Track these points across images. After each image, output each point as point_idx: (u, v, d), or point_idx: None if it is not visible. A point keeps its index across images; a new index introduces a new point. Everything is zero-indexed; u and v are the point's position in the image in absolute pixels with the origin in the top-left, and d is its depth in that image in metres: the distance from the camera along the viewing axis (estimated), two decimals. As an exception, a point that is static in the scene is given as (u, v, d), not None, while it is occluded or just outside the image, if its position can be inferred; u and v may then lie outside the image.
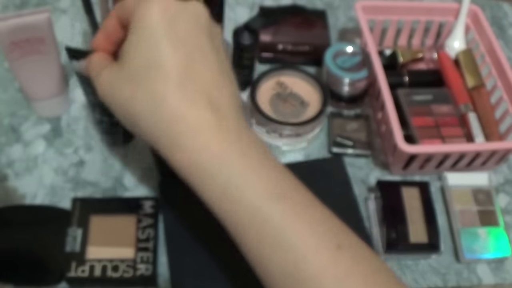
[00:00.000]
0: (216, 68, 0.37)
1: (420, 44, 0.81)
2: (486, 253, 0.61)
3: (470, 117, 0.69)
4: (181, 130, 0.35)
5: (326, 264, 0.33)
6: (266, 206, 0.34)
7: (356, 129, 0.71)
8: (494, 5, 0.95)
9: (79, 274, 0.53)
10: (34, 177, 0.63)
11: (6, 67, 0.73)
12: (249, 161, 0.35)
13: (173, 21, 0.36)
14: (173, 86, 0.35)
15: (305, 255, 0.33)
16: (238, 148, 0.36)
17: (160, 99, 0.35)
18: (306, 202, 0.37)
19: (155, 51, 0.36)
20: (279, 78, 0.70)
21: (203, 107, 0.36)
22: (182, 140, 0.35)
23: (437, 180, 0.69)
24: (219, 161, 0.35)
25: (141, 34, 0.36)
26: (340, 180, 0.64)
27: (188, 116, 0.35)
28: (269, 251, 0.34)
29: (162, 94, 0.35)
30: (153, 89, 0.35)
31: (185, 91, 0.35)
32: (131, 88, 0.36)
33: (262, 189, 0.35)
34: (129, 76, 0.37)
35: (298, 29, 0.82)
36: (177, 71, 0.35)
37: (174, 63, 0.35)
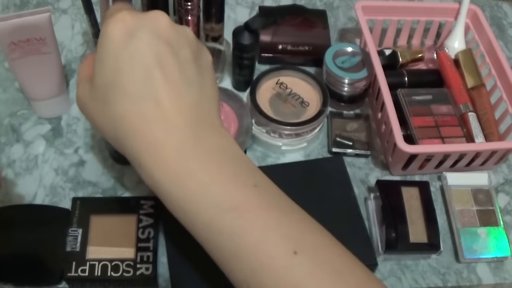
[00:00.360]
0: (177, 77, 0.37)
1: (420, 44, 0.81)
2: (486, 253, 0.61)
3: (470, 117, 0.69)
4: (139, 148, 0.36)
5: (282, 270, 0.34)
6: (218, 219, 0.35)
7: (356, 129, 0.71)
8: (494, 5, 0.95)
9: (79, 274, 0.53)
10: (34, 177, 0.63)
11: (6, 67, 0.73)
12: (204, 175, 0.36)
13: (131, 36, 0.36)
14: (130, 104, 0.36)
15: (261, 263, 0.34)
16: (194, 162, 0.36)
17: (120, 117, 0.36)
18: (263, 208, 0.36)
19: (114, 69, 0.36)
20: (279, 78, 0.71)
21: (159, 122, 0.36)
22: (142, 157, 0.36)
23: (437, 180, 0.69)
24: (174, 178, 0.35)
25: (104, 51, 0.37)
26: (340, 180, 0.64)
27: (144, 132, 0.36)
28: (229, 261, 0.36)
29: (121, 113, 0.36)
30: (113, 108, 0.36)
31: (141, 107, 0.36)
32: (96, 106, 0.38)
33: (216, 202, 0.35)
34: (95, 95, 0.38)
35: (298, 29, 0.82)
36: (135, 88, 0.36)
37: (131, 79, 0.36)
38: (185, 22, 0.65)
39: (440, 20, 0.79)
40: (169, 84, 0.36)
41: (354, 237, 0.59)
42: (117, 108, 0.36)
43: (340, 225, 0.60)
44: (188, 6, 0.63)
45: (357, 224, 0.60)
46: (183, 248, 0.56)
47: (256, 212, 0.36)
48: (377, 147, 0.71)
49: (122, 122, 0.36)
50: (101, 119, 0.38)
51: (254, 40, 0.68)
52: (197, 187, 0.35)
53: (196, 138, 0.36)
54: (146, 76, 0.36)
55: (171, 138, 0.36)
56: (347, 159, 0.68)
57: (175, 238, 0.57)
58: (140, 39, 0.36)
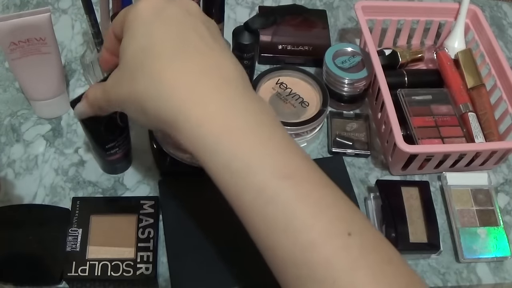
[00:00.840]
0: (212, 42, 0.37)
1: (420, 44, 0.81)
2: (486, 253, 0.61)
3: (470, 117, 0.69)
4: (182, 103, 0.34)
5: (335, 251, 0.31)
6: (272, 185, 0.32)
7: (356, 129, 0.71)
8: (494, 5, 0.95)
9: (79, 274, 0.53)
10: (34, 177, 0.63)
11: (6, 67, 0.73)
12: (256, 135, 0.33)
13: (162, 10, 0.37)
14: (167, 60, 0.35)
15: (313, 241, 0.31)
16: (244, 121, 0.34)
17: (157, 75, 0.35)
18: (318, 183, 0.34)
19: (147, 36, 0.36)
20: (279, 78, 0.71)
21: (202, 75, 0.35)
22: (185, 112, 0.34)
23: (437, 180, 0.69)
24: (223, 135, 0.33)
25: (134, 28, 0.37)
26: (340, 180, 0.63)
27: (187, 86, 0.34)
28: (276, 233, 0.32)
29: (158, 70, 0.35)
30: (149, 68, 0.35)
31: (182, 62, 0.35)
32: (131, 77, 0.36)
33: (269, 166, 0.32)
34: (128, 68, 0.37)
35: (298, 29, 0.82)
36: (171, 46, 0.35)
37: (167, 39, 0.36)
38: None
39: (440, 20, 0.79)
40: (205, 44, 0.36)
41: (354, 237, 0.59)
42: (153, 67, 0.35)
43: (340, 225, 0.60)
44: (188, 6, 0.63)
45: (357, 224, 0.60)
46: (183, 248, 0.56)
47: (313, 184, 0.33)
48: (377, 147, 0.71)
49: (160, 80, 0.34)
50: (135, 89, 0.36)
51: (254, 40, 0.68)
52: (249, 147, 0.32)
53: (242, 96, 0.35)
54: (182, 36, 0.36)
55: (217, 92, 0.34)
56: (347, 159, 0.68)
57: (175, 238, 0.57)
58: (172, 9, 0.37)
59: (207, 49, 0.36)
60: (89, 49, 0.69)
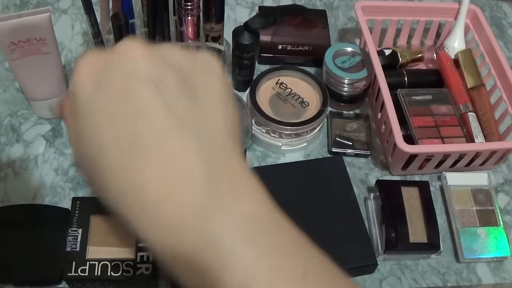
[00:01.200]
0: (165, 123, 0.26)
1: (420, 44, 0.81)
2: (486, 253, 0.61)
3: (470, 117, 0.69)
4: (138, 212, 0.26)
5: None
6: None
7: (356, 129, 0.71)
8: (494, 5, 0.95)
9: (79, 274, 0.53)
10: (34, 177, 0.63)
11: (6, 67, 0.73)
12: (234, 256, 0.25)
13: (97, 92, 0.27)
14: (120, 173, 0.26)
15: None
16: (216, 232, 0.25)
17: (112, 190, 0.27)
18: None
19: (87, 143, 0.27)
20: (279, 78, 0.71)
21: (159, 181, 0.26)
22: (138, 222, 0.26)
23: (437, 180, 0.69)
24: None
25: (72, 130, 0.28)
26: (340, 180, 0.64)
27: (142, 193, 0.26)
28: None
29: (120, 189, 0.26)
30: (107, 185, 0.27)
31: (128, 176, 0.27)
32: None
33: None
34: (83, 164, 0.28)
35: (298, 29, 0.82)
36: (119, 149, 0.26)
37: (109, 139, 0.27)
38: (185, 22, 0.65)
39: (440, 20, 0.79)
40: (157, 134, 0.25)
41: (354, 237, 0.60)
42: (110, 183, 0.26)
43: (340, 225, 0.60)
44: (188, 6, 0.64)
45: (357, 224, 0.60)
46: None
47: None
48: (377, 147, 0.71)
49: (115, 195, 0.26)
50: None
51: (254, 40, 0.68)
52: (219, 266, 0.25)
53: (215, 198, 0.25)
54: (128, 136, 0.26)
55: (176, 198, 0.25)
56: (347, 159, 0.68)
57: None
58: (111, 82, 0.27)
59: (160, 141, 0.25)
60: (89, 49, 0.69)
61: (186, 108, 0.27)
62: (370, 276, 0.60)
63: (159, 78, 0.27)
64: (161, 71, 0.27)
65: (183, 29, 0.67)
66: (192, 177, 0.25)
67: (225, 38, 0.72)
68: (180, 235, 0.25)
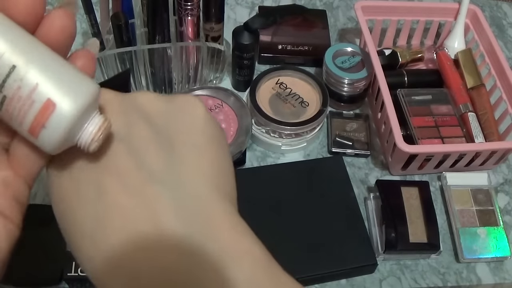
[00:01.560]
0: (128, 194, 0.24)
1: (420, 44, 0.82)
2: (486, 253, 0.61)
3: (470, 117, 0.69)
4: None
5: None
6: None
7: (356, 129, 0.71)
8: (494, 5, 0.95)
9: (79, 274, 0.53)
10: (34, 177, 0.63)
11: (6, 67, 0.73)
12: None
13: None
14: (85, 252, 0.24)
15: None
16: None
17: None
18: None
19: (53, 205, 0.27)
20: (279, 78, 0.71)
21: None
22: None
23: (437, 180, 0.69)
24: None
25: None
26: (339, 180, 0.64)
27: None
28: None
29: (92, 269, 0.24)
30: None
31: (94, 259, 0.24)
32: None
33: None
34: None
35: (298, 29, 0.82)
36: (84, 222, 0.24)
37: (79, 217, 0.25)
38: (185, 22, 0.65)
39: (440, 20, 0.79)
40: (124, 191, 0.23)
41: (354, 237, 0.60)
42: (81, 254, 0.24)
43: (340, 225, 0.60)
44: (188, 6, 0.63)
45: (357, 224, 0.60)
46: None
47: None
48: (377, 147, 0.71)
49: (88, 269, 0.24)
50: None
51: (254, 40, 0.68)
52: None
53: (198, 270, 0.22)
54: (94, 193, 0.23)
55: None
56: (347, 159, 0.68)
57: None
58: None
59: (127, 216, 0.23)
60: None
61: (159, 160, 0.24)
62: (370, 276, 0.60)
63: (127, 130, 0.24)
64: (130, 121, 0.25)
65: (183, 29, 0.67)
66: (169, 236, 0.22)
67: (225, 38, 0.72)
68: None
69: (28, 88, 0.21)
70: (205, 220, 0.23)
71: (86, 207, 0.23)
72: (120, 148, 0.24)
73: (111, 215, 0.22)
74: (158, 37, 0.65)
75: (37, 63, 0.21)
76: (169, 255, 0.22)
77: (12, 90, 0.21)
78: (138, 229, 0.22)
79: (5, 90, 0.21)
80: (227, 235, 0.23)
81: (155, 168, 0.23)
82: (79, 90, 0.22)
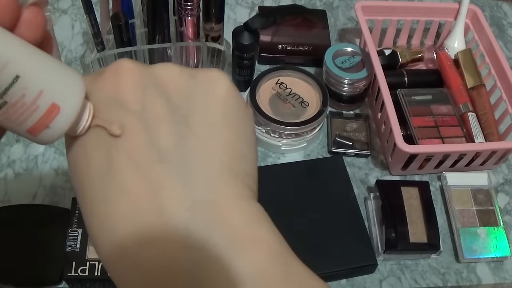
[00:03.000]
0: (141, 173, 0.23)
1: (420, 44, 0.81)
2: (486, 253, 0.61)
3: (470, 117, 0.69)
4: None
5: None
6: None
7: (356, 129, 0.71)
8: (494, 5, 0.95)
9: (79, 274, 0.53)
10: (34, 177, 0.63)
11: (6, 67, 0.73)
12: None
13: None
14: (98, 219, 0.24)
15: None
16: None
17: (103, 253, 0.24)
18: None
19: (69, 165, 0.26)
20: (279, 78, 0.71)
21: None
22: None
23: (437, 180, 0.69)
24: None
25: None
26: (340, 180, 0.64)
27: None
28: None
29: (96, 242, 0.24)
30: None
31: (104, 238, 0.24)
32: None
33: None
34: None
35: (298, 29, 0.82)
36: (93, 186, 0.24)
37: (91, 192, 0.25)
38: (185, 22, 0.65)
39: (440, 20, 0.79)
40: (133, 168, 0.22)
41: (354, 237, 0.60)
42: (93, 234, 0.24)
43: (340, 225, 0.60)
44: (188, 6, 0.63)
45: (357, 224, 0.60)
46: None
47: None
48: (377, 147, 0.71)
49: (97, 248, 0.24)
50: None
51: (254, 40, 0.68)
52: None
53: (205, 260, 0.21)
54: (104, 169, 0.23)
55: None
56: (347, 159, 0.68)
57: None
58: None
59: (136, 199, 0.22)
60: (89, 49, 0.69)
61: (170, 139, 0.23)
62: (370, 276, 0.60)
63: (142, 106, 0.23)
64: (146, 97, 0.24)
65: (183, 29, 0.67)
66: (174, 227, 0.21)
67: (225, 38, 0.72)
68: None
69: (33, 96, 0.21)
70: (213, 206, 0.22)
71: (95, 180, 0.23)
72: (133, 123, 0.23)
73: (119, 198, 0.22)
74: (158, 37, 0.65)
75: (40, 70, 0.22)
76: (174, 246, 0.21)
77: (15, 97, 0.21)
78: (145, 219, 0.21)
79: (7, 97, 0.21)
80: (236, 222, 0.22)
81: (165, 147, 0.23)
82: (76, 88, 0.23)
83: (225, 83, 0.25)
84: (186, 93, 0.24)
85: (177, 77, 0.25)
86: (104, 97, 0.24)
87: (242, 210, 0.23)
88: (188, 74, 0.25)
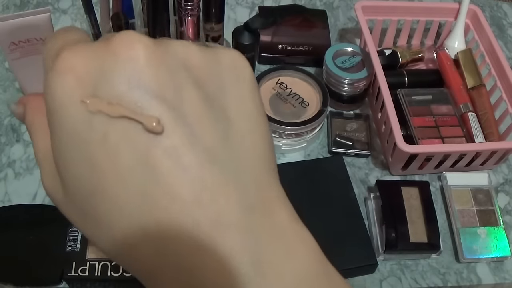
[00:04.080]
0: (190, 157, 0.20)
1: (420, 44, 0.81)
2: (486, 253, 0.61)
3: (470, 117, 0.69)
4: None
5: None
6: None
7: (356, 129, 0.71)
8: (494, 5, 0.95)
9: (79, 274, 0.53)
10: (34, 177, 0.63)
11: (6, 67, 0.73)
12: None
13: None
14: (127, 222, 0.20)
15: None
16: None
17: (120, 242, 0.21)
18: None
19: (89, 168, 0.20)
20: (279, 78, 0.71)
21: (177, 239, 0.20)
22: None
23: (437, 180, 0.69)
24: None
25: (60, 134, 0.20)
26: (340, 180, 0.64)
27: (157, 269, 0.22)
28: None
29: (118, 236, 0.21)
30: (107, 231, 0.21)
31: (143, 223, 0.21)
32: (79, 217, 0.22)
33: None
34: (73, 202, 0.21)
35: (298, 29, 0.82)
36: (129, 197, 0.20)
37: (121, 184, 0.21)
38: (185, 22, 0.65)
39: (440, 20, 0.79)
40: (177, 175, 0.19)
41: (354, 237, 0.60)
42: (112, 231, 0.20)
43: (340, 225, 0.60)
44: (188, 6, 0.64)
45: (357, 224, 0.60)
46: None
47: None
48: (377, 147, 0.71)
49: (122, 247, 0.21)
50: (93, 233, 0.21)
51: (254, 40, 0.68)
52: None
53: (258, 264, 0.19)
54: (142, 176, 0.19)
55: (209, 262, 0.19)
56: (347, 159, 0.68)
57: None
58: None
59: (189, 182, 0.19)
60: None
61: (215, 135, 0.19)
62: (370, 276, 0.60)
63: (175, 94, 0.19)
64: (177, 82, 0.19)
65: (183, 29, 0.67)
66: (228, 231, 0.19)
67: (225, 38, 0.72)
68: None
69: None
70: (265, 209, 0.20)
71: (127, 176, 0.19)
72: (170, 116, 0.18)
73: (170, 205, 0.19)
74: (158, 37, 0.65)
75: None
76: (237, 256, 0.19)
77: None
78: (202, 230, 0.19)
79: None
80: (285, 223, 0.21)
81: (211, 145, 0.19)
82: None
83: (248, 64, 0.22)
84: (216, 79, 0.21)
85: (202, 60, 0.20)
86: (123, 80, 0.18)
87: (287, 210, 0.21)
88: (210, 56, 0.21)
